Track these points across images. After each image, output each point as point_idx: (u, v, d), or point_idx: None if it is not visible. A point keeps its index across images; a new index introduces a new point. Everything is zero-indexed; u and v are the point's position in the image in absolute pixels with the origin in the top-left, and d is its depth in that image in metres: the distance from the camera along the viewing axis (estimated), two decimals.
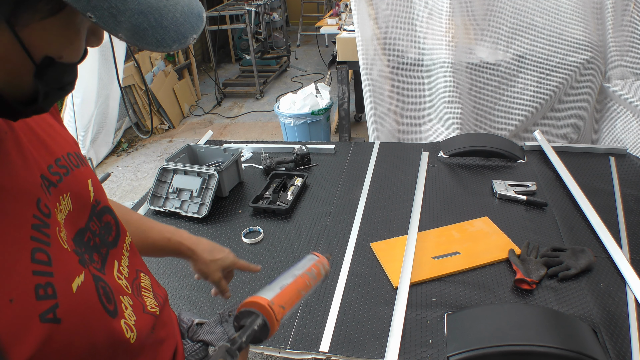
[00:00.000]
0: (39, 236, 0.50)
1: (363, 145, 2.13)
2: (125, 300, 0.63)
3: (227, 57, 6.80)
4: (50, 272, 0.49)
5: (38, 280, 0.48)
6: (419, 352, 1.07)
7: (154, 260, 1.46)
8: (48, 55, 0.45)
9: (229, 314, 0.87)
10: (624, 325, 1.09)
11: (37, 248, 0.49)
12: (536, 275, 1.22)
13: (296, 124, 3.30)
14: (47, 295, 0.48)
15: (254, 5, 5.11)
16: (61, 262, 0.52)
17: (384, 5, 2.42)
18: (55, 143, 0.61)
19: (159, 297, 0.75)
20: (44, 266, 0.49)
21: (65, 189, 0.58)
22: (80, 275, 0.54)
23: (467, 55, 2.43)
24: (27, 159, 0.54)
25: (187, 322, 0.86)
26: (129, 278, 0.68)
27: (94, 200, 0.64)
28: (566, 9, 2.22)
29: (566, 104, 2.46)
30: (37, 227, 0.50)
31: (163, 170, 1.74)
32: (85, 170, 0.64)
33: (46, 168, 0.57)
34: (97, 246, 0.63)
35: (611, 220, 1.45)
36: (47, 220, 0.52)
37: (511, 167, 1.81)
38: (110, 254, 0.65)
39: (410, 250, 1.35)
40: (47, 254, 0.50)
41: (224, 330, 0.85)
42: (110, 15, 0.40)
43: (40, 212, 0.52)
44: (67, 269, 0.52)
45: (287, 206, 1.64)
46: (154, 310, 0.70)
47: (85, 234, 0.61)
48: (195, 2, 0.49)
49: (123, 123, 4.42)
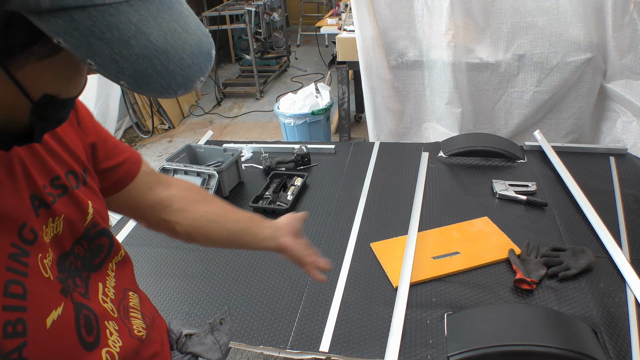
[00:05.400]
0: (16, 266, 0.47)
1: (363, 145, 2.13)
2: (111, 326, 0.60)
3: (227, 57, 6.80)
4: (23, 307, 0.46)
5: (8, 316, 0.45)
6: (419, 352, 1.07)
7: (163, 260, 1.46)
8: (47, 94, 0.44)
9: (220, 321, 0.84)
10: (624, 325, 1.09)
11: (11, 280, 0.46)
12: (536, 275, 1.22)
13: (296, 124, 3.30)
14: (16, 333, 0.45)
15: (254, 5, 5.11)
16: (37, 295, 0.49)
17: (384, 5, 2.42)
18: (57, 160, 0.58)
19: (146, 318, 0.72)
20: (16, 300, 0.46)
21: (59, 212, 0.56)
22: (58, 307, 0.51)
23: (467, 55, 2.43)
24: (18, 179, 0.51)
25: (176, 333, 0.82)
26: (116, 299, 0.65)
27: (89, 223, 0.61)
28: (566, 9, 2.22)
29: (566, 104, 2.46)
30: (14, 256, 0.47)
31: (163, 170, 1.74)
32: (86, 191, 0.61)
33: (41, 187, 0.54)
34: (78, 270, 0.60)
35: (611, 220, 1.45)
36: (28, 248, 0.49)
37: (511, 167, 1.81)
38: (92, 277, 0.62)
39: (410, 250, 1.35)
40: (22, 285, 0.47)
41: (214, 340, 0.82)
42: (113, 61, 0.38)
43: (21, 239, 0.49)
44: (44, 302, 0.50)
45: (287, 206, 1.64)
46: (141, 334, 0.67)
47: (67, 258, 0.58)
48: (205, 38, 0.45)
49: (123, 123, 4.42)
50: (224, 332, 0.84)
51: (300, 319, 1.20)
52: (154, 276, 1.39)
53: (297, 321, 1.19)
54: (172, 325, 0.84)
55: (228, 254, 1.46)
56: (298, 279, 1.33)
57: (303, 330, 1.16)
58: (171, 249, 1.51)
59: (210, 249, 1.49)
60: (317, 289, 1.29)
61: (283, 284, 1.32)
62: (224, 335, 0.83)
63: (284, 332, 1.16)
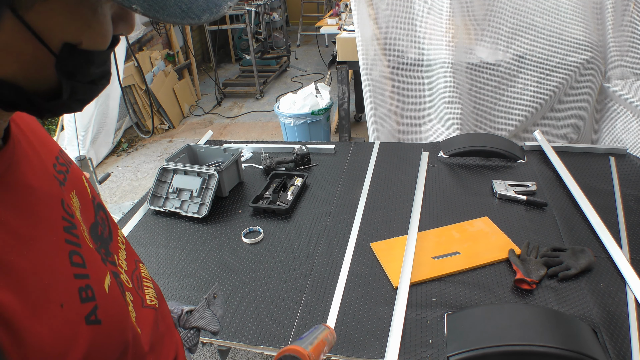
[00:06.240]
0: (71, 238, 0.49)
1: (363, 145, 2.13)
2: (128, 297, 0.62)
3: (227, 57, 6.80)
4: (86, 274, 0.49)
5: (80, 283, 0.48)
6: (419, 352, 1.07)
7: (163, 260, 1.46)
8: (67, 42, 0.40)
9: (214, 295, 0.89)
10: (624, 325, 1.09)
11: (72, 251, 0.49)
12: (536, 275, 1.22)
13: (296, 124, 3.30)
14: (89, 298, 0.48)
15: (254, 5, 5.11)
16: (92, 263, 0.51)
17: (384, 5, 2.42)
18: (49, 142, 0.59)
19: (157, 286, 0.75)
20: (81, 269, 0.49)
21: (71, 187, 0.57)
22: (107, 274, 0.54)
23: (467, 55, 2.43)
24: (41, 158, 0.52)
25: (177, 312, 0.87)
26: (129, 271, 0.67)
27: (91, 197, 0.63)
28: (566, 9, 2.22)
29: (566, 104, 2.46)
30: (67, 229, 0.49)
31: (163, 170, 1.74)
32: (76, 168, 0.63)
33: (52, 167, 0.55)
34: (106, 239, 0.62)
35: (611, 220, 1.45)
36: (73, 221, 0.51)
37: (511, 167, 1.81)
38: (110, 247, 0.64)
39: (410, 250, 1.35)
40: (81, 256, 0.49)
41: (212, 313, 0.87)
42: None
43: (66, 213, 0.51)
44: (98, 270, 0.52)
45: (287, 206, 1.64)
46: (153, 303, 0.69)
47: (97, 228, 0.60)
48: None
49: (123, 123, 4.42)
50: (218, 305, 0.89)
51: (300, 319, 1.20)
52: (153, 276, 1.38)
53: (297, 321, 1.19)
54: (171, 306, 0.87)
55: (228, 254, 1.46)
56: (298, 279, 1.33)
57: (303, 330, 1.16)
58: (171, 249, 1.51)
59: (209, 249, 1.50)
60: (317, 289, 1.29)
61: (283, 284, 1.32)
62: (219, 308, 0.88)
63: (284, 332, 1.16)
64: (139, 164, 3.98)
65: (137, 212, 1.72)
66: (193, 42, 5.40)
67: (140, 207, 1.75)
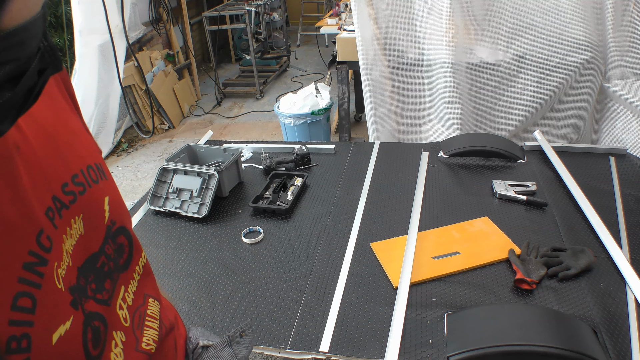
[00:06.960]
0: (30, 277, 0.44)
1: (363, 145, 2.13)
2: (118, 337, 0.56)
3: (227, 57, 6.80)
4: (30, 322, 0.43)
5: (14, 331, 0.42)
6: (419, 352, 1.07)
7: (163, 260, 1.46)
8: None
9: (240, 334, 0.77)
10: (624, 325, 1.09)
11: (22, 292, 0.43)
12: (536, 275, 1.22)
13: (296, 124, 3.30)
14: (20, 349, 0.42)
15: (254, 5, 5.11)
16: (47, 308, 0.45)
17: (384, 5, 2.42)
18: (75, 154, 0.54)
19: (164, 327, 0.68)
20: (24, 314, 0.43)
21: (78, 210, 0.52)
22: (67, 321, 0.48)
23: (467, 55, 2.43)
24: (37, 179, 0.47)
25: (193, 343, 0.77)
26: (132, 306, 0.61)
27: (109, 221, 0.57)
28: (566, 9, 2.22)
29: (566, 104, 2.46)
30: (29, 266, 0.44)
31: (163, 170, 1.74)
32: (104, 186, 0.57)
33: (60, 188, 0.50)
34: (110, 272, 0.57)
35: (611, 220, 1.45)
36: (46, 256, 0.46)
37: (511, 167, 1.81)
38: (121, 278, 0.59)
39: (410, 250, 1.35)
40: (33, 298, 0.44)
41: (232, 353, 0.75)
42: None
43: (39, 246, 0.45)
44: (52, 316, 0.46)
45: (287, 206, 1.64)
46: (149, 347, 0.63)
47: (99, 259, 0.55)
48: None
49: (123, 123, 4.42)
50: (244, 345, 0.77)
51: (300, 319, 1.20)
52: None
53: (297, 321, 1.19)
54: (190, 333, 0.79)
55: (228, 254, 1.46)
56: (298, 279, 1.33)
57: (303, 330, 1.16)
58: (171, 249, 1.51)
59: (209, 249, 1.50)
60: (317, 289, 1.29)
61: (283, 284, 1.32)
62: (244, 348, 0.77)
63: (284, 332, 1.16)
64: (139, 164, 3.98)
65: (137, 212, 1.72)
66: (193, 42, 5.40)
67: (140, 207, 1.75)
